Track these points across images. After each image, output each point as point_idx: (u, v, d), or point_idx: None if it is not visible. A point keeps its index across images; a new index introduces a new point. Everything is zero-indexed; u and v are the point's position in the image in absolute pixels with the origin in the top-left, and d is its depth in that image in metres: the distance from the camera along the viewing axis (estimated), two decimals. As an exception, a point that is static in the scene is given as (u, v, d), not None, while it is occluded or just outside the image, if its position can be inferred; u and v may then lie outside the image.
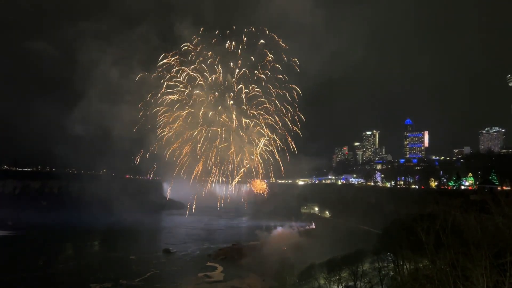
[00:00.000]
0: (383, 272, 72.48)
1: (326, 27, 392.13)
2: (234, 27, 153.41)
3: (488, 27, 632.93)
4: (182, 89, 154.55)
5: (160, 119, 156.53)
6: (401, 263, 65.46)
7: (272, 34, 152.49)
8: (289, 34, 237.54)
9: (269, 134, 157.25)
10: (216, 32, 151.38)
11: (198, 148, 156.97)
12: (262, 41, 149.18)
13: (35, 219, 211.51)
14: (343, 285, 76.39)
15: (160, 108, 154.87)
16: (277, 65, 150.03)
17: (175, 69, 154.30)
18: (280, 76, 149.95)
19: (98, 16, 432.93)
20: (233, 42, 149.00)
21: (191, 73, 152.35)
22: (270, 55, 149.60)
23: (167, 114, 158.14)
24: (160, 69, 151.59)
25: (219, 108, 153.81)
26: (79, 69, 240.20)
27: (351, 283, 76.13)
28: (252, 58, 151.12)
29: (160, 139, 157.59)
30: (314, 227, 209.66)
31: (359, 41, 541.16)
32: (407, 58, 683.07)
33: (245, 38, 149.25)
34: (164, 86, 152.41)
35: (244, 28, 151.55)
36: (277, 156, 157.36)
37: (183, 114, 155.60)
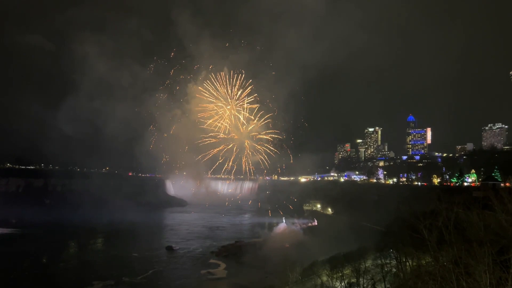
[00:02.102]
0: (386, 269, 72.32)
1: (329, 13, 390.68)
2: (231, 30, 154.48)
3: (492, 22, 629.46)
4: (181, 87, 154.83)
5: (161, 119, 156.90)
6: (404, 260, 65.37)
7: (273, 31, 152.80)
8: (291, 22, 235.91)
9: (270, 132, 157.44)
10: (215, 33, 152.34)
11: (199, 147, 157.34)
12: (259, 47, 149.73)
13: (39, 217, 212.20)
14: (345, 282, 76.23)
15: (161, 107, 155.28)
16: (277, 63, 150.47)
17: (174, 68, 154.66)
18: (281, 74, 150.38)
19: (94, 9, 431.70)
20: (230, 45, 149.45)
21: (189, 74, 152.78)
22: (268, 62, 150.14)
23: (167, 113, 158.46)
24: (155, 71, 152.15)
25: (219, 106, 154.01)
26: (77, 67, 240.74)
27: (353, 280, 76.04)
28: (249, 56, 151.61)
29: (161, 137, 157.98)
30: (316, 224, 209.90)
31: (362, 31, 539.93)
32: (410, 54, 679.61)
33: (242, 41, 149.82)
34: (162, 87, 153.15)
35: (244, 21, 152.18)
36: (279, 154, 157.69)
37: (183, 113, 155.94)
